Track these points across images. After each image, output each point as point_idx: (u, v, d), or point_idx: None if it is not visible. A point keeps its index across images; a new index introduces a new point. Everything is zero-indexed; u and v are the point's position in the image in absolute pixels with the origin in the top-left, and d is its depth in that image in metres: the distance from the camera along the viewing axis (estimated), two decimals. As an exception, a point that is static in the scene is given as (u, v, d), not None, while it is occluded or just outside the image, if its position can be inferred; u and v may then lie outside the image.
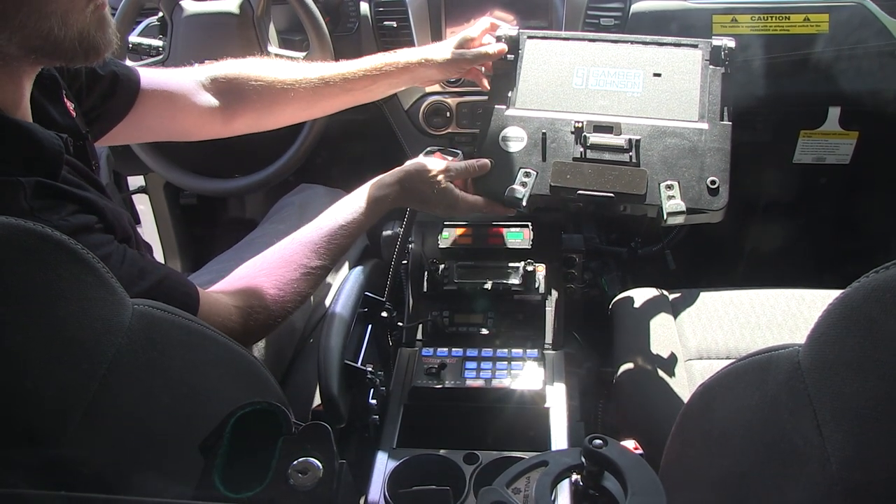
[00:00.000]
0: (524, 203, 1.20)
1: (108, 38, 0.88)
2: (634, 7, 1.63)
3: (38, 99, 0.93)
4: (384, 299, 1.28)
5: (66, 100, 0.99)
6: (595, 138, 1.23)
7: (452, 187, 1.23)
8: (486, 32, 1.38)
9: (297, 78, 1.31)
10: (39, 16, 0.80)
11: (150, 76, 1.21)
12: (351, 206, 1.16)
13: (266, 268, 1.07)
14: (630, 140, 1.22)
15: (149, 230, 2.15)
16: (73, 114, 1.00)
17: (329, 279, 1.50)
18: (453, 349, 1.25)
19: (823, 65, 1.62)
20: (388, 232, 1.58)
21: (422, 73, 1.35)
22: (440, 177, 1.21)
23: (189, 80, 1.26)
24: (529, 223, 1.43)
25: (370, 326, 1.24)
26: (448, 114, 1.72)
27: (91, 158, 1.01)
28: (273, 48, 1.61)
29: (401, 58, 1.34)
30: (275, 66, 1.34)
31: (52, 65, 0.94)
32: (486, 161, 1.26)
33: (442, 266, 1.37)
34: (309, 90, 1.31)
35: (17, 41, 0.81)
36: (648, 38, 1.34)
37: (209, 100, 1.28)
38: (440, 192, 1.22)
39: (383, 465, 1.09)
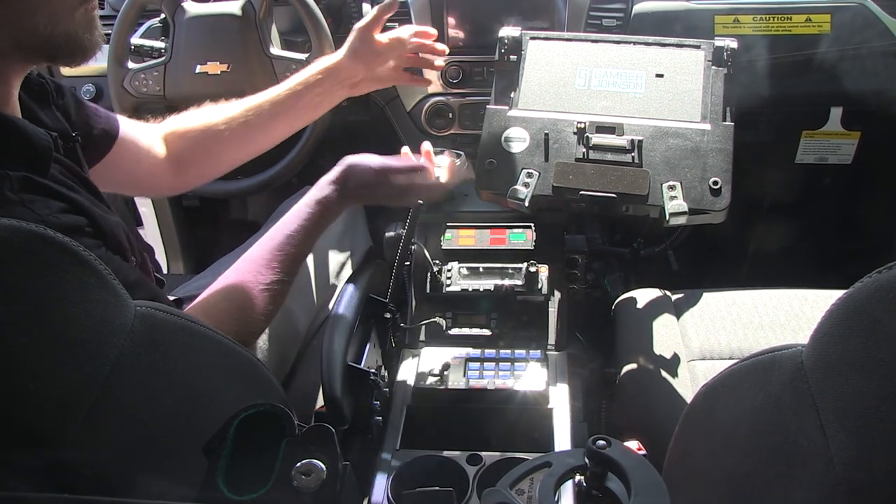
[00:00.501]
0: (527, 203, 1.20)
1: (95, 39, 0.89)
2: (636, 8, 1.63)
3: (26, 101, 0.93)
4: (387, 301, 1.28)
5: (54, 108, 1.00)
6: (597, 139, 1.23)
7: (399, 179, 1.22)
8: (383, 18, 1.37)
9: (229, 116, 1.31)
10: (27, 12, 0.81)
11: (126, 124, 1.22)
12: (297, 214, 1.14)
13: (227, 292, 1.06)
14: (632, 141, 1.22)
15: (151, 232, 2.15)
16: (62, 120, 1.00)
17: (332, 281, 1.50)
18: (456, 350, 1.25)
19: (825, 65, 1.62)
20: (391, 233, 1.58)
21: (346, 74, 1.35)
22: (380, 171, 1.20)
23: (149, 135, 1.28)
24: (532, 224, 1.43)
25: (373, 328, 1.24)
26: (450, 115, 1.72)
27: (82, 160, 1.01)
28: (275, 50, 1.61)
29: (321, 64, 1.34)
30: (208, 111, 1.33)
31: (39, 63, 0.94)
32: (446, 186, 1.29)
33: (445, 267, 1.37)
34: (242, 125, 1.30)
35: (3, 36, 0.82)
36: (651, 38, 1.34)
37: (162, 154, 1.29)
38: (386, 184, 1.21)
39: (386, 466, 1.09)
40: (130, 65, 1.61)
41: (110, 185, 1.35)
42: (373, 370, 1.12)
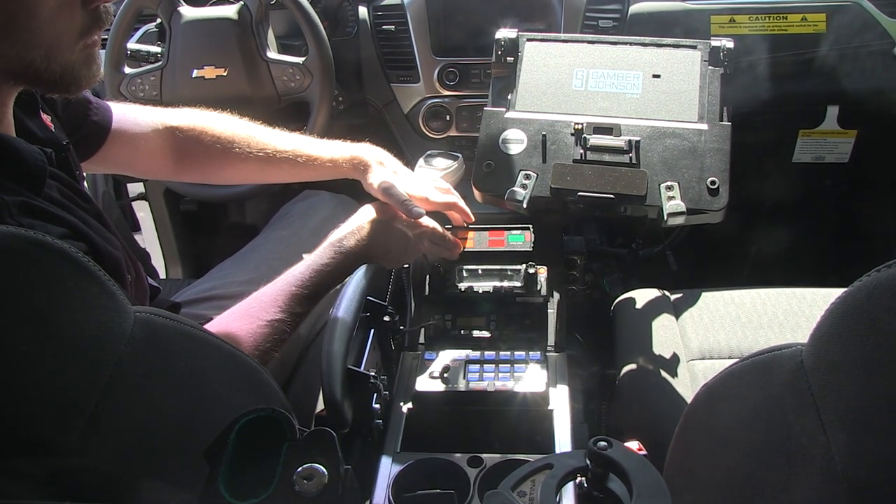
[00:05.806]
0: (525, 205, 1.20)
1: (93, 73, 0.88)
2: (633, 8, 1.64)
3: (16, 114, 0.92)
4: (386, 303, 1.28)
5: (42, 114, 1.00)
6: (595, 140, 1.23)
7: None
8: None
9: (252, 143, 1.30)
10: (24, 47, 0.80)
11: (120, 111, 1.22)
12: (317, 257, 1.14)
13: (223, 324, 1.05)
14: (630, 141, 1.22)
15: (149, 237, 2.15)
16: (52, 127, 1.00)
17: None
18: (456, 352, 1.25)
19: (821, 64, 1.62)
20: (389, 236, 1.58)
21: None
22: (407, 229, 1.22)
23: (148, 121, 1.27)
24: (530, 225, 1.43)
25: (372, 331, 1.23)
26: (448, 117, 1.72)
27: (75, 168, 1.01)
28: (272, 54, 1.61)
29: (355, 171, 1.31)
30: (230, 123, 1.33)
31: (31, 90, 0.95)
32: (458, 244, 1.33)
33: (443, 270, 1.37)
34: (261, 159, 1.30)
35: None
36: (647, 39, 1.34)
37: (163, 147, 1.28)
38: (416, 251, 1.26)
39: (387, 469, 1.08)
40: (127, 70, 1.62)
41: (105, 169, 1.34)
42: (373, 373, 1.11)
